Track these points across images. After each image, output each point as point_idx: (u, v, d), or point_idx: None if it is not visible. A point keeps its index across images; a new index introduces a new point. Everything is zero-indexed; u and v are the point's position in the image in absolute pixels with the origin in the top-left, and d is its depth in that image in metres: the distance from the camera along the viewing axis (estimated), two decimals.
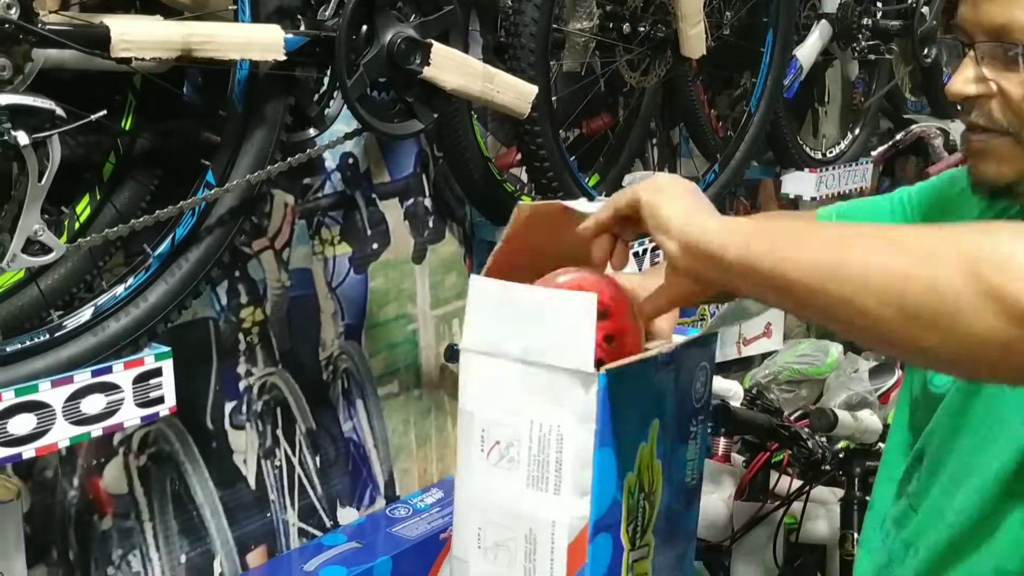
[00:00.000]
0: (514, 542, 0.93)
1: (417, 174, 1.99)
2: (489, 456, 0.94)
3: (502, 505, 0.93)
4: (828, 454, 1.82)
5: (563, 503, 0.90)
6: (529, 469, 0.92)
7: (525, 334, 0.91)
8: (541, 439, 0.92)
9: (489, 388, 0.94)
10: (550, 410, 0.91)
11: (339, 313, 1.88)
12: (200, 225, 1.24)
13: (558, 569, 0.92)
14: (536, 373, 0.91)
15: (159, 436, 1.63)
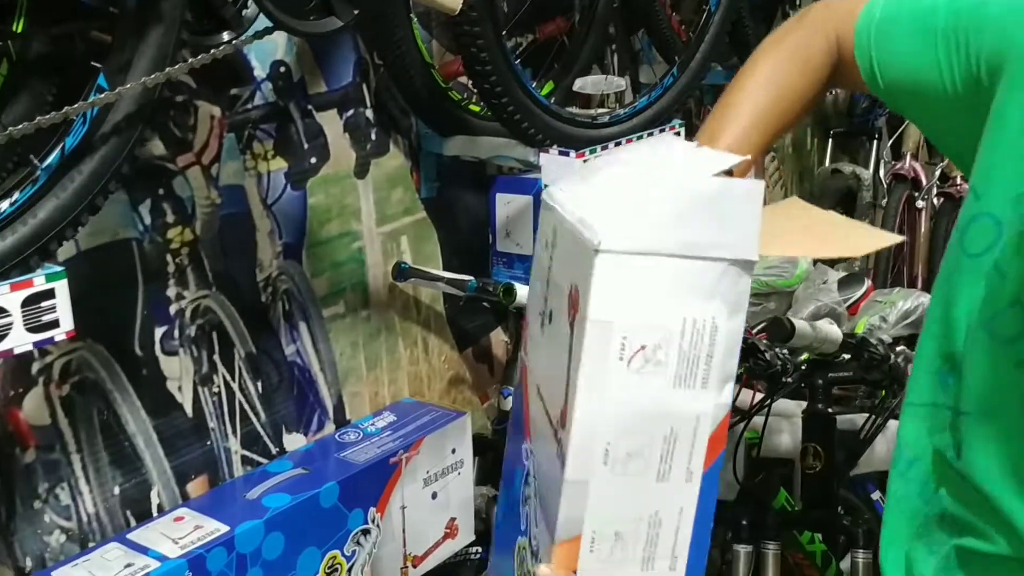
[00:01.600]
0: (650, 447, 0.88)
1: (357, 83, 1.88)
2: (631, 364, 0.87)
3: (641, 412, 0.87)
4: (790, 366, 1.75)
5: (709, 395, 0.86)
6: (678, 368, 0.87)
7: (683, 228, 0.84)
8: (695, 334, 0.86)
9: (634, 291, 0.86)
10: (704, 304, 0.85)
11: (276, 232, 1.78)
12: (93, 134, 1.14)
13: (696, 462, 0.88)
14: (693, 267, 0.85)
15: (83, 364, 1.55)
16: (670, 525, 0.88)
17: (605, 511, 0.89)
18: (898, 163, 3.34)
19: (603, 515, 0.89)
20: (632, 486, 0.87)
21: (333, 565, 1.76)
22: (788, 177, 3.29)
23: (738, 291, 0.85)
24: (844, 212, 3.41)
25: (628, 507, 0.88)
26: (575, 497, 0.89)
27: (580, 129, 1.89)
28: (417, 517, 1.88)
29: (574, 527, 0.89)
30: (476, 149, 1.97)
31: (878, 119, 3.39)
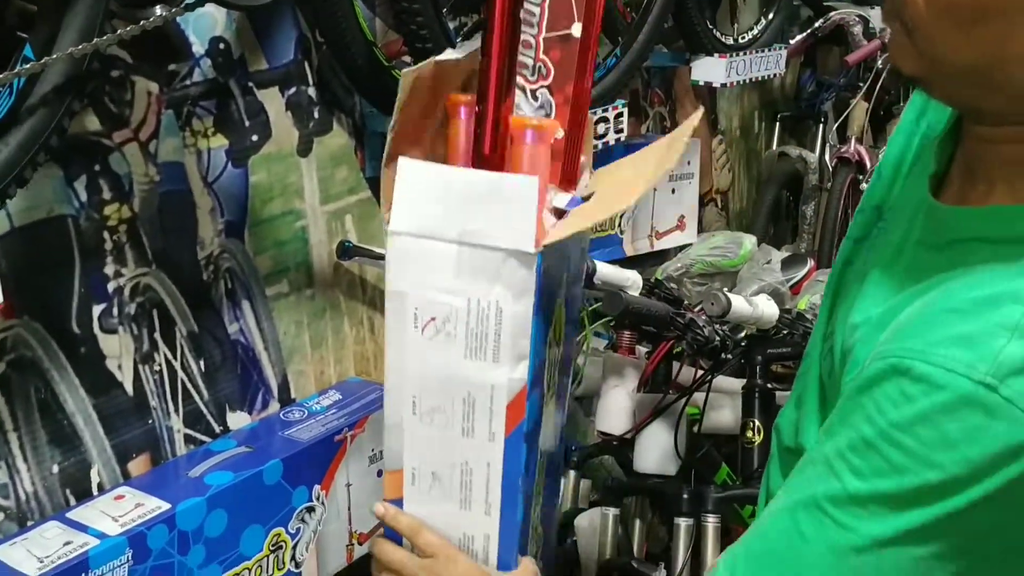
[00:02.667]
0: (451, 406, 1.01)
1: (298, 61, 1.87)
2: (424, 332, 0.99)
3: (438, 374, 1.00)
4: (729, 342, 1.78)
5: (502, 369, 0.98)
6: (467, 341, 0.98)
7: (463, 217, 0.95)
8: (479, 313, 0.97)
9: (422, 269, 0.98)
10: (487, 287, 0.96)
11: (217, 209, 1.78)
12: (20, 105, 1.13)
13: (497, 425, 1.00)
14: (474, 254, 0.95)
15: (18, 342, 1.54)
16: (480, 476, 1.02)
17: (420, 452, 1.04)
18: (843, 147, 3.39)
19: (419, 455, 1.04)
20: (441, 436, 1.01)
21: (277, 542, 1.77)
22: (736, 159, 3.32)
23: (520, 277, 0.95)
24: (790, 194, 3.46)
25: (440, 453, 1.03)
26: (394, 436, 1.04)
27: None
28: (362, 495, 1.88)
29: (396, 461, 1.05)
30: None
31: (824, 103, 3.44)
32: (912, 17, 0.78)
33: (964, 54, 0.77)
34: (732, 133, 3.28)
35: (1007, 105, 0.79)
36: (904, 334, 0.78)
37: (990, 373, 0.72)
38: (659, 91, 2.86)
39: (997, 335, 0.73)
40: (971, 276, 0.78)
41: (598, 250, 2.45)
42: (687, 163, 2.66)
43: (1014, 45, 0.74)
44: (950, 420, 0.72)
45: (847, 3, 3.29)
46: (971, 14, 0.74)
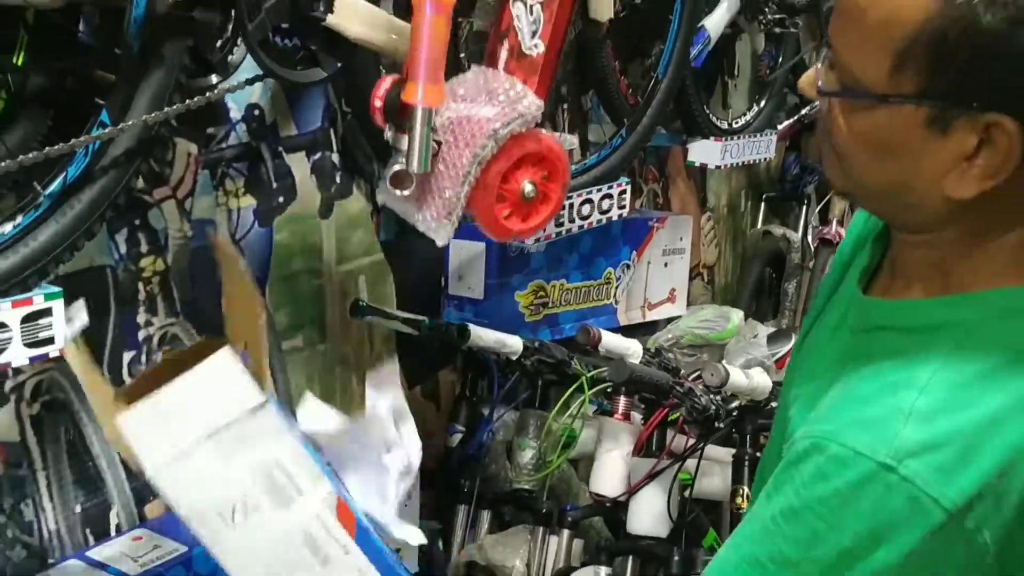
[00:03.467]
0: (298, 553, 1.05)
1: (325, 128, 1.98)
2: (237, 521, 1.04)
3: (273, 539, 1.05)
4: (722, 411, 1.88)
5: (309, 498, 1.04)
6: (272, 500, 1.04)
7: (195, 417, 1.02)
8: (264, 475, 1.03)
9: (198, 479, 1.03)
10: (252, 451, 1.02)
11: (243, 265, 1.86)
12: (94, 165, 1.23)
13: (342, 538, 1.05)
14: (226, 437, 1.02)
15: (53, 384, 1.61)
16: None
17: None
18: (825, 228, 3.54)
19: None
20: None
21: None
22: (723, 237, 3.46)
23: (267, 424, 1.03)
24: (774, 272, 3.59)
25: None
26: None
27: None
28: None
29: None
30: None
31: (807, 186, 3.59)
32: (837, 144, 0.92)
33: (878, 179, 0.91)
34: (720, 211, 3.42)
35: (918, 220, 0.92)
36: (823, 417, 0.90)
37: (889, 455, 0.82)
38: (654, 168, 2.99)
39: (895, 420, 0.84)
40: (878, 363, 0.90)
41: (593, 319, 2.55)
42: (680, 239, 2.78)
43: (919, 174, 0.88)
44: (858, 495, 0.83)
45: None
46: (882, 148, 0.88)
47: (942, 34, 0.81)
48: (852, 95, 0.87)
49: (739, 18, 2.63)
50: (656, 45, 2.61)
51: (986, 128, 0.83)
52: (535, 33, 1.20)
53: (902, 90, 0.84)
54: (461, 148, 1.11)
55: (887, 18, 0.83)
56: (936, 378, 0.85)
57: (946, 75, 0.83)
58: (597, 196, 2.12)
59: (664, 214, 2.83)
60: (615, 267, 2.59)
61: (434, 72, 1.04)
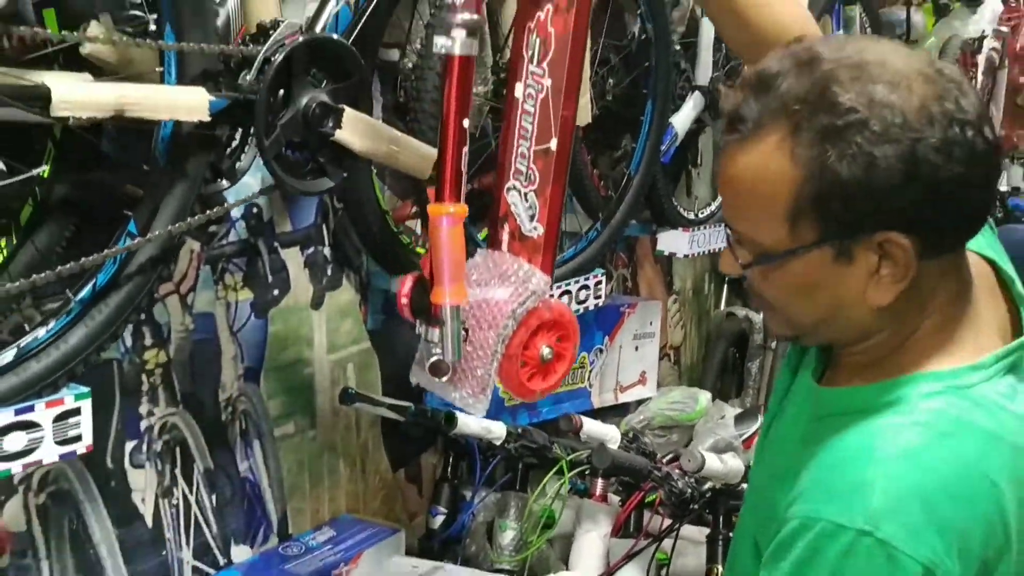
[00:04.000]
0: None
1: (318, 224, 2.08)
2: None
3: None
4: (696, 494, 1.97)
5: None
6: None
7: None
8: None
9: None
10: None
11: (239, 356, 1.95)
12: (121, 272, 1.31)
13: None
14: None
15: (59, 475, 1.67)
16: None
17: None
18: None
19: None
20: None
21: None
22: (688, 319, 3.59)
23: None
24: (737, 352, 3.72)
25: None
26: None
27: None
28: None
29: None
30: None
31: None
32: (772, 299, 1.08)
33: (812, 314, 1.08)
34: (685, 294, 3.55)
35: (856, 334, 1.08)
36: (804, 497, 1.03)
37: (867, 522, 0.95)
38: (623, 255, 3.12)
39: (863, 491, 0.97)
40: (836, 443, 1.04)
41: (568, 402, 2.65)
42: (650, 323, 2.90)
43: (842, 299, 1.04)
44: (846, 560, 0.96)
45: None
46: (806, 289, 1.04)
47: (815, 192, 0.97)
48: (767, 260, 1.03)
49: (704, 114, 2.79)
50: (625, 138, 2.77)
51: (879, 245, 0.99)
52: (533, 217, 1.30)
53: (804, 242, 1.00)
54: (486, 330, 1.22)
55: (768, 195, 0.99)
56: (889, 447, 1.00)
57: (833, 218, 0.98)
58: (575, 287, 2.24)
59: (634, 299, 2.96)
60: (589, 352, 2.70)
61: (457, 273, 1.15)
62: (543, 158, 1.27)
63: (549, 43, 1.25)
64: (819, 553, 0.98)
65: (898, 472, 0.98)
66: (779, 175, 0.98)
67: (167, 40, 1.28)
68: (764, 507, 1.14)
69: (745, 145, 1.00)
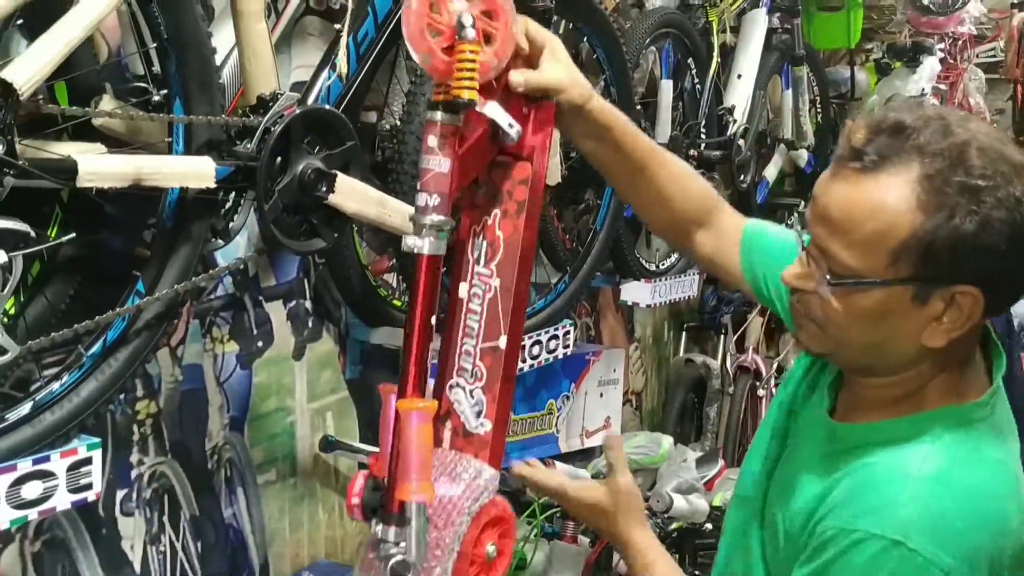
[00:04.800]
0: None
1: (300, 279, 2.17)
2: None
3: None
4: (664, 534, 2.07)
5: None
6: None
7: None
8: None
9: None
10: None
11: (225, 406, 2.02)
12: (129, 328, 1.39)
13: None
14: None
15: (54, 523, 1.72)
16: None
17: None
18: (742, 356, 3.82)
19: None
20: None
21: None
22: (649, 365, 3.71)
23: None
24: (696, 397, 3.84)
25: None
26: None
27: None
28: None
29: None
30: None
31: (724, 316, 3.89)
32: (830, 318, 1.15)
33: (863, 340, 1.15)
34: (646, 341, 3.68)
35: (891, 366, 1.16)
36: (835, 514, 1.12)
37: (899, 533, 1.06)
38: (587, 304, 3.24)
39: (896, 506, 1.07)
40: (868, 469, 1.13)
41: (537, 447, 2.75)
42: (613, 370, 3.02)
43: (899, 333, 1.13)
44: (878, 567, 1.06)
45: None
46: (873, 317, 1.13)
47: (929, 239, 1.06)
48: (853, 284, 1.11)
49: None
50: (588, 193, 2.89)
51: (953, 296, 1.09)
52: (480, 413, 1.25)
53: (896, 276, 1.08)
54: (442, 529, 1.18)
55: (883, 226, 1.07)
56: (919, 474, 1.09)
57: (935, 264, 1.07)
58: (545, 337, 2.35)
59: (599, 348, 3.07)
60: (556, 399, 2.80)
61: (425, 471, 1.11)
62: (491, 355, 1.24)
63: (497, 246, 1.23)
64: (849, 559, 1.07)
65: (929, 492, 1.08)
66: (901, 212, 1.06)
67: (176, 113, 1.37)
68: (783, 534, 1.22)
69: (868, 176, 1.08)
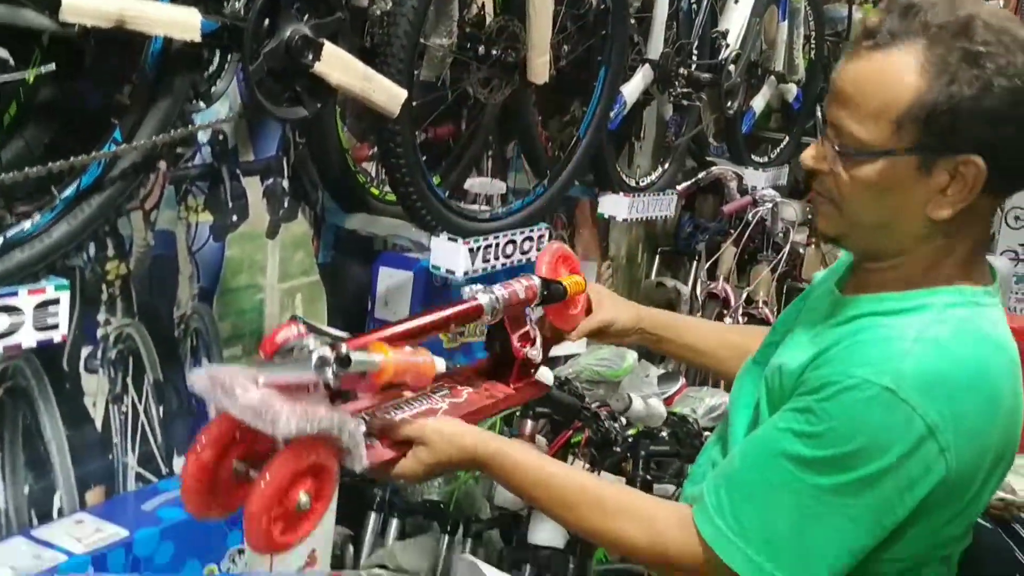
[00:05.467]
0: None
1: (279, 156, 2.16)
2: None
3: None
4: (620, 437, 2.11)
5: None
6: None
7: None
8: None
9: None
10: None
11: (196, 276, 2.02)
12: (104, 176, 1.39)
13: None
14: None
15: (17, 371, 1.73)
16: None
17: None
18: (712, 283, 3.85)
19: None
20: None
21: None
22: (620, 284, 3.73)
23: None
24: None
25: None
26: None
27: (467, 221, 2.23)
28: None
29: None
30: (375, 226, 2.27)
31: (699, 243, 3.91)
32: (843, 194, 1.18)
33: (873, 216, 1.18)
34: (619, 260, 3.70)
35: (900, 244, 1.19)
36: (831, 365, 1.14)
37: (893, 381, 1.08)
38: (563, 217, 3.25)
39: (895, 357, 1.10)
40: (871, 332, 1.16)
41: None
42: None
43: (906, 206, 1.16)
44: (866, 412, 1.09)
45: (726, 161, 3.79)
46: (880, 189, 1.16)
47: (931, 105, 1.09)
48: (859, 154, 1.15)
49: (652, 87, 2.92)
50: (575, 104, 2.88)
51: (956, 167, 1.11)
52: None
53: (899, 145, 1.12)
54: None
55: (887, 97, 1.11)
56: (921, 336, 1.12)
57: (936, 131, 1.10)
58: (520, 238, 2.35)
59: None
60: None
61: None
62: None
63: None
64: (839, 400, 1.10)
65: (928, 353, 1.10)
66: (904, 82, 1.10)
67: None
68: (776, 392, 1.23)
69: (878, 52, 1.12)
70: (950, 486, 1.12)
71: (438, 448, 1.24)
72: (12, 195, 1.41)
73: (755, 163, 3.84)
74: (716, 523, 1.16)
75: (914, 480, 1.10)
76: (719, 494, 1.17)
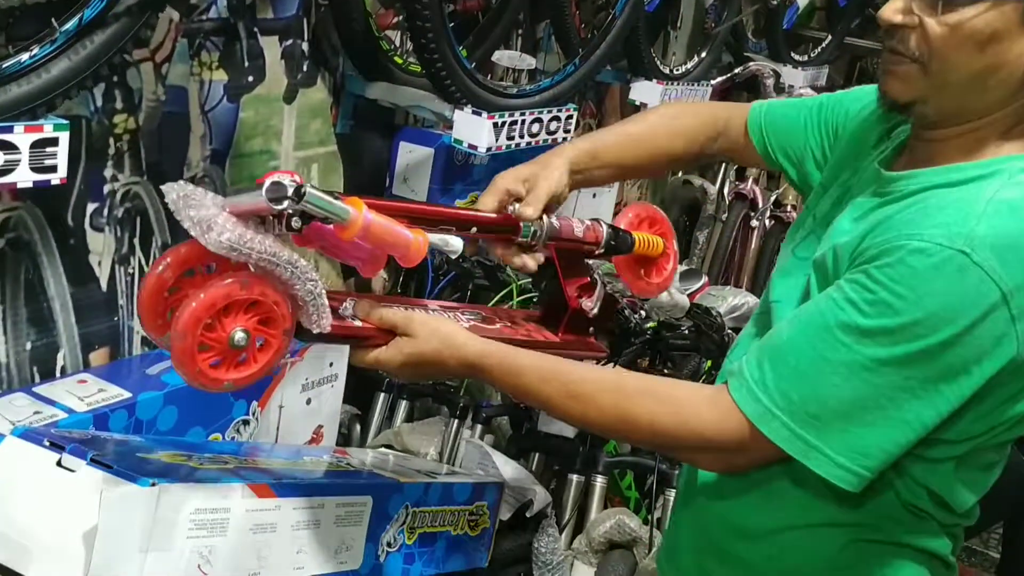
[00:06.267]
0: None
1: (299, 16, 2.05)
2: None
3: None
4: (640, 328, 2.04)
5: None
6: None
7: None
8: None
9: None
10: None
11: (208, 136, 1.94)
12: (108, 11, 1.29)
13: None
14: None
15: (20, 223, 1.67)
16: None
17: None
18: (741, 183, 3.74)
19: None
20: None
21: None
22: (645, 181, 3.63)
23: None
24: (688, 220, 3.78)
25: None
26: None
27: (492, 96, 2.13)
28: (291, 418, 2.06)
29: None
30: (396, 96, 2.17)
31: None
32: (932, 48, 1.08)
33: (968, 69, 1.07)
34: None
35: (986, 103, 1.09)
36: (895, 227, 1.06)
37: (966, 244, 1.00)
38: (592, 103, 3.13)
39: (969, 219, 1.02)
40: (939, 199, 1.08)
41: None
42: None
43: (1006, 58, 1.06)
44: (935, 276, 1.01)
45: (763, 57, 3.64)
46: (981, 40, 1.06)
47: None
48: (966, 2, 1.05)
49: None
50: None
51: None
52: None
53: None
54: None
55: None
56: (996, 198, 1.04)
57: None
58: (547, 117, 2.25)
59: None
60: None
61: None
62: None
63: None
64: (906, 265, 1.02)
65: (1003, 217, 1.03)
66: None
67: None
68: (830, 267, 1.15)
69: None
70: (1020, 359, 1.04)
71: (424, 342, 1.12)
72: (8, 24, 1.32)
73: (794, 61, 3.69)
74: (757, 396, 1.08)
75: (984, 351, 1.02)
76: (762, 367, 1.09)
